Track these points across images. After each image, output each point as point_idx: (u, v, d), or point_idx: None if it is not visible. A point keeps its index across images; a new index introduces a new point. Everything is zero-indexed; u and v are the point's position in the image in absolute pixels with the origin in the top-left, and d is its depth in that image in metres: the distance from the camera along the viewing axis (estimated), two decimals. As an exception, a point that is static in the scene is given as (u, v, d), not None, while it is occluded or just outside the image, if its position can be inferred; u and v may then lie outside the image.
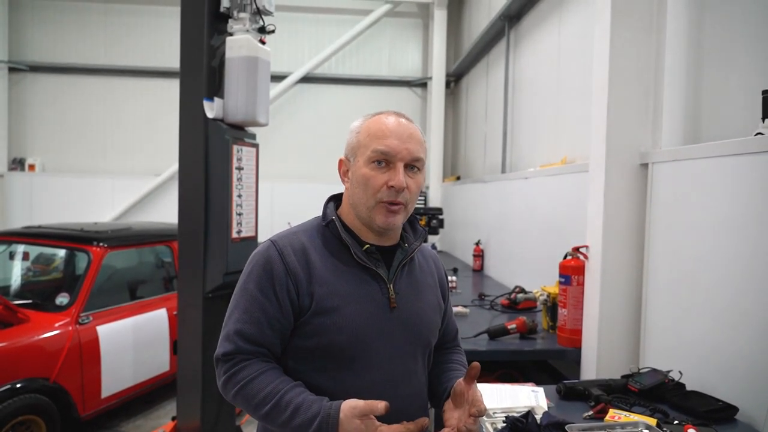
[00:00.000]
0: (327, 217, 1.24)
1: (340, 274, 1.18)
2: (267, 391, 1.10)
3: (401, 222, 1.21)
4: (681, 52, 2.21)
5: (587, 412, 1.71)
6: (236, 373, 1.13)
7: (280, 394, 1.09)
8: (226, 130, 2.80)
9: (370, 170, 1.17)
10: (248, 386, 1.11)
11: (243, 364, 1.14)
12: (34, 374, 3.05)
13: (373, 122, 1.22)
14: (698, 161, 1.91)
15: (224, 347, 1.15)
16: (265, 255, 1.18)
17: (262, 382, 1.11)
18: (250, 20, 2.81)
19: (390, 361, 1.19)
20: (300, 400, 1.08)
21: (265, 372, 1.13)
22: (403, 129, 1.19)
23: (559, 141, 3.89)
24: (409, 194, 1.19)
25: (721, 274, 1.76)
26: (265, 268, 1.17)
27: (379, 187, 1.16)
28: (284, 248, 1.18)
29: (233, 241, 2.79)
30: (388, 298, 1.20)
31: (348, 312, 1.15)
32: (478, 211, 5.57)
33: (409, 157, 1.18)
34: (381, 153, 1.17)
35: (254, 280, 1.17)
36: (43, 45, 8.11)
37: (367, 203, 1.18)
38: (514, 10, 4.91)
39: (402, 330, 1.21)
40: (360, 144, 1.21)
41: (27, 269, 3.99)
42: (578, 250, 2.41)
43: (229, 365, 1.14)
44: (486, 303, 3.37)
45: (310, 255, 1.18)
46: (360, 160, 1.20)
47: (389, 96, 8.42)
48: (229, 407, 3.03)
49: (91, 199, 8.02)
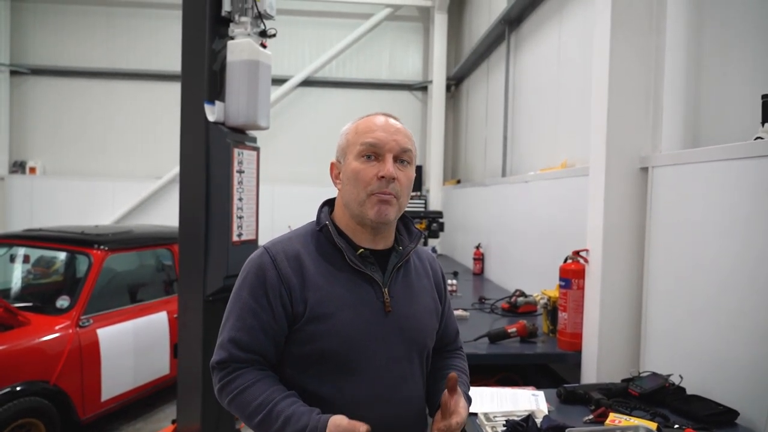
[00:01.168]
0: (321, 221, 1.24)
1: (334, 279, 1.18)
2: (259, 401, 1.11)
3: (394, 215, 1.20)
4: (681, 56, 2.21)
5: (588, 416, 1.72)
6: (230, 382, 1.14)
7: (271, 405, 1.10)
8: (227, 134, 2.80)
9: (360, 164, 1.18)
10: (241, 395, 1.12)
11: (237, 372, 1.14)
12: (35, 377, 3.05)
13: (361, 122, 1.24)
14: (698, 165, 1.91)
15: (219, 355, 1.16)
16: (258, 262, 1.18)
17: (254, 392, 1.12)
18: (251, 24, 2.82)
19: (386, 366, 1.18)
20: (290, 411, 1.09)
21: (258, 381, 1.13)
22: (391, 124, 1.21)
23: (559, 145, 3.90)
24: (400, 186, 1.18)
25: (721, 278, 1.76)
26: (258, 276, 1.16)
27: (370, 180, 1.17)
28: (277, 255, 1.18)
29: (234, 244, 2.79)
30: (383, 302, 1.19)
31: (343, 317, 1.15)
32: (479, 214, 5.57)
33: (398, 148, 1.19)
34: (369, 146, 1.18)
35: (247, 288, 1.17)
36: (44, 48, 8.13)
37: (359, 197, 1.18)
38: (515, 13, 4.93)
39: (398, 334, 1.20)
40: (349, 143, 1.22)
41: (27, 272, 3.99)
42: (578, 254, 2.41)
43: (224, 373, 1.15)
44: (486, 306, 3.37)
45: (304, 261, 1.18)
46: (350, 157, 1.21)
47: (390, 99, 8.43)
48: (228, 411, 3.02)
49: (91, 202, 8.03)
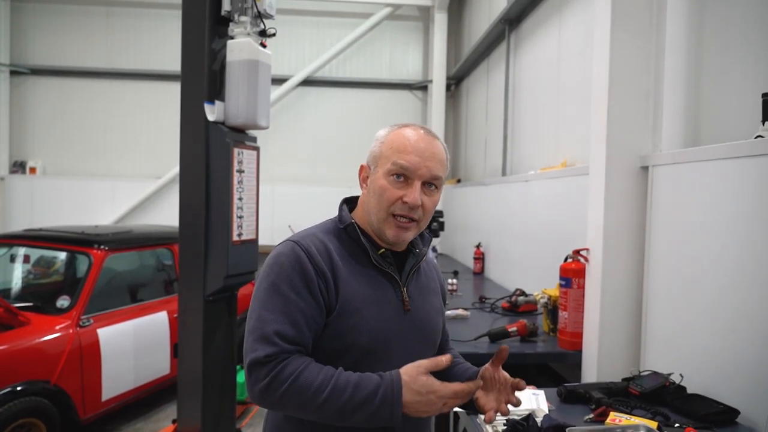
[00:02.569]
0: (344, 220, 1.25)
1: (360, 276, 1.21)
2: (320, 379, 1.08)
3: (411, 237, 1.24)
4: (681, 55, 2.21)
5: (588, 415, 1.71)
6: (282, 370, 1.09)
7: (335, 378, 1.09)
8: (227, 133, 2.80)
9: (388, 183, 1.19)
10: (299, 379, 1.08)
11: (285, 362, 1.10)
12: (35, 377, 3.05)
13: (397, 135, 1.22)
14: (698, 164, 1.91)
15: (264, 350, 1.10)
16: (293, 255, 1.17)
17: (312, 372, 1.09)
18: (251, 23, 2.82)
19: (406, 362, 1.18)
20: (356, 377, 1.09)
21: (310, 363, 1.11)
22: (426, 146, 1.20)
23: (559, 144, 3.89)
24: (423, 212, 1.20)
25: (722, 277, 1.76)
26: (296, 268, 1.15)
27: (394, 201, 1.18)
28: (309, 248, 1.18)
29: (234, 244, 2.79)
30: (403, 301, 1.24)
31: (368, 314, 1.17)
32: (479, 213, 5.57)
33: (429, 175, 1.19)
34: (400, 167, 1.18)
35: (286, 281, 1.14)
36: (44, 48, 8.13)
37: (379, 215, 1.20)
38: (515, 13, 4.92)
39: (415, 331, 1.25)
40: (382, 155, 1.22)
41: (28, 272, 3.99)
42: (579, 253, 2.41)
43: (272, 365, 1.09)
44: (486, 306, 3.37)
45: (333, 256, 1.20)
46: (380, 170, 1.21)
47: (390, 99, 8.43)
48: (229, 410, 3.03)
49: (92, 202, 8.03)
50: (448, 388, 1.09)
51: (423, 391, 1.08)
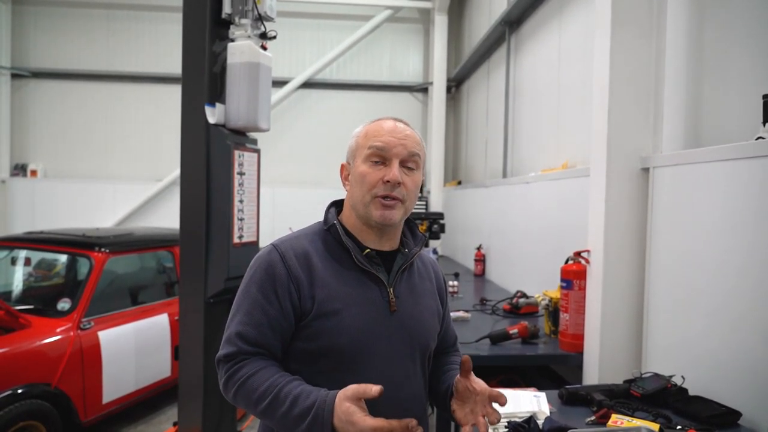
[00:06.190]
0: (328, 221, 1.27)
1: (342, 277, 1.20)
2: (266, 386, 1.11)
3: (398, 218, 1.22)
4: (681, 56, 2.21)
5: (590, 417, 1.71)
6: (236, 371, 1.14)
7: (278, 387, 1.10)
8: (228, 136, 2.81)
9: (368, 167, 1.21)
10: (247, 382, 1.12)
11: (242, 363, 1.15)
12: (36, 380, 3.05)
13: (370, 126, 1.26)
14: (699, 165, 1.91)
15: (226, 349, 1.17)
16: (267, 259, 1.20)
17: (261, 378, 1.12)
18: (251, 26, 2.83)
19: (390, 364, 1.20)
20: (298, 391, 1.09)
21: (264, 368, 1.14)
22: (400, 129, 1.23)
23: (560, 146, 3.89)
24: (406, 190, 1.21)
25: (723, 278, 1.76)
26: (267, 272, 1.18)
27: (375, 183, 1.19)
28: (286, 252, 1.20)
29: (234, 246, 2.79)
30: (389, 301, 1.22)
31: (349, 315, 1.17)
32: (480, 215, 5.57)
33: (405, 153, 1.21)
34: (377, 149, 1.20)
35: (256, 283, 1.19)
36: (45, 51, 8.15)
37: (364, 199, 1.20)
38: (515, 15, 4.93)
39: (401, 333, 1.23)
40: (358, 146, 1.25)
41: (29, 275, 3.99)
42: (580, 255, 2.41)
43: (230, 365, 1.16)
44: (487, 308, 3.37)
45: (312, 259, 1.20)
46: (358, 160, 1.23)
47: (390, 101, 8.44)
48: (230, 413, 3.02)
49: (92, 205, 8.05)
50: (367, 422, 0.99)
51: (343, 419, 1.01)
